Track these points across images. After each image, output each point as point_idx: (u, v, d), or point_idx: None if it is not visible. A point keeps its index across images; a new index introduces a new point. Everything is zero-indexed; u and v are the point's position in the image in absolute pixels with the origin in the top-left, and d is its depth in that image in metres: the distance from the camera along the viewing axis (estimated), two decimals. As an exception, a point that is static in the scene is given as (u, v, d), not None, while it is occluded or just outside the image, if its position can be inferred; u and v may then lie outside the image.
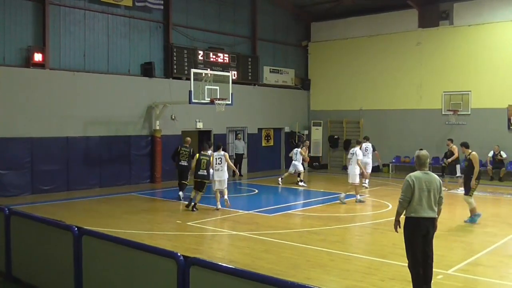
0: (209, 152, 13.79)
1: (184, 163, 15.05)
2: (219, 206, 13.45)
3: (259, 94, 23.71)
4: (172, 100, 19.17)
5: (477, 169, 11.74)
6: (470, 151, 12.17)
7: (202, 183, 13.45)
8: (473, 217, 11.84)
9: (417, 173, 6.87)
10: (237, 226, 11.78)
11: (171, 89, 19.66)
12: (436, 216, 6.83)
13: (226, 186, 13.77)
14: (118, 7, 18.61)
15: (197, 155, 13.68)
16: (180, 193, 15.07)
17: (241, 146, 22.04)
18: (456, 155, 17.52)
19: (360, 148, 15.50)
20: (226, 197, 13.68)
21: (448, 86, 22.06)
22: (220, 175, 13.59)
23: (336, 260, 8.88)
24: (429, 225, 6.74)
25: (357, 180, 14.88)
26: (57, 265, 6.45)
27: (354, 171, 14.74)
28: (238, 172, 20.84)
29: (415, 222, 6.70)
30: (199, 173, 13.41)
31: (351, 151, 15.29)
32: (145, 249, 5.27)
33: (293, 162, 18.60)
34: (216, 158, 13.63)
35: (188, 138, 15.69)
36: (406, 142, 23.22)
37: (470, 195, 11.79)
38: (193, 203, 13.40)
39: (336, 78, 25.45)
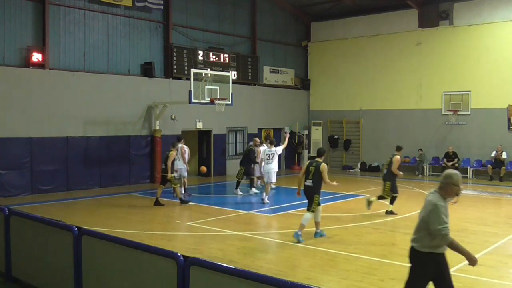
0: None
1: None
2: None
3: (259, 94, 23.70)
4: (172, 100, 19.18)
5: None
6: None
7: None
8: None
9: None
10: (237, 226, 11.78)
11: (171, 89, 19.67)
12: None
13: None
14: (118, 7, 18.61)
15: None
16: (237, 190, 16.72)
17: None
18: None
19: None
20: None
21: (448, 86, 22.05)
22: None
23: (336, 260, 8.88)
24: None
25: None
26: (57, 265, 6.44)
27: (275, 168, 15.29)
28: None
29: None
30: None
31: (268, 150, 15.29)
32: (145, 249, 5.26)
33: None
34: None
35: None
36: (406, 142, 23.09)
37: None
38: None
39: (336, 78, 25.44)
